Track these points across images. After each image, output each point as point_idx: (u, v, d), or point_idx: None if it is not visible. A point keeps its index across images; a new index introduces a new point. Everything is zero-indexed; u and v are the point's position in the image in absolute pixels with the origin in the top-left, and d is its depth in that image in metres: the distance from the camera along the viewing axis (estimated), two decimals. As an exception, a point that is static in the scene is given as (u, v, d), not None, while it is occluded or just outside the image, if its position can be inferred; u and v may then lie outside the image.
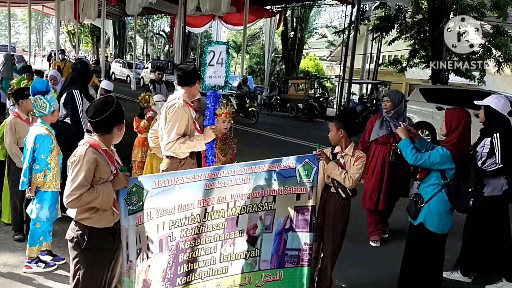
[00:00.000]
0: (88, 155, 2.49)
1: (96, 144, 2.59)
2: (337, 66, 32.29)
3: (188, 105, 3.73)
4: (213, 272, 3.20)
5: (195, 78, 3.79)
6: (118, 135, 2.74)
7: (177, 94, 3.80)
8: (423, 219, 3.76)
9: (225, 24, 24.26)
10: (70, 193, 2.45)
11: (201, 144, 3.65)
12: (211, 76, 3.57)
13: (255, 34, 40.01)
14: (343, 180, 3.62)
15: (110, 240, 2.67)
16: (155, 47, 50.22)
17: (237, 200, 3.22)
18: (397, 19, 18.75)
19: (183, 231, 2.97)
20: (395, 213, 6.67)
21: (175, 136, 3.54)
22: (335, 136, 3.76)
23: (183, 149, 3.61)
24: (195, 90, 3.86)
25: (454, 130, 3.68)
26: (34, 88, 3.92)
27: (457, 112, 3.77)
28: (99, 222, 2.60)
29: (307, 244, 3.57)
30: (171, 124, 3.56)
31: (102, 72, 20.45)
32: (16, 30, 62.84)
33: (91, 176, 2.50)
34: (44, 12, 33.04)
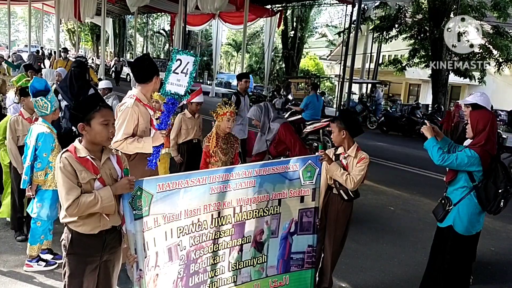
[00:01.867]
0: (63, 161, 2.45)
1: (71, 150, 2.52)
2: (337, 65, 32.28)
3: (142, 104, 3.68)
4: (223, 282, 3.16)
5: (151, 74, 3.74)
6: (88, 135, 2.53)
7: (132, 92, 3.77)
8: (452, 222, 3.68)
9: (225, 23, 24.25)
10: (65, 199, 2.41)
11: (148, 147, 3.60)
12: (173, 83, 3.49)
13: (255, 33, 39.97)
14: (345, 181, 3.57)
15: (95, 247, 2.58)
16: (155, 45, 50.14)
17: (243, 204, 3.18)
18: (397, 18, 18.74)
19: (191, 239, 2.92)
20: (395, 213, 6.70)
21: (123, 136, 3.55)
22: (338, 137, 3.71)
23: (131, 149, 3.59)
24: (153, 86, 3.81)
25: (481, 132, 3.61)
26: (33, 87, 3.92)
27: (483, 114, 3.72)
28: (82, 228, 2.52)
29: (311, 246, 3.55)
30: (119, 124, 3.56)
31: (101, 71, 20.42)
32: (16, 28, 62.72)
33: (74, 179, 2.44)
34: (44, 10, 33.00)
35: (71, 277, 2.58)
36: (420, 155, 4.79)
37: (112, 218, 2.58)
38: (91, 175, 2.50)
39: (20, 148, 4.40)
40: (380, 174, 8.88)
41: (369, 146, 11.57)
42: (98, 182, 2.51)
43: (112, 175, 2.60)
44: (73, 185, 2.44)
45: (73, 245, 2.56)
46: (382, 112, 18.97)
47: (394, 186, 8.16)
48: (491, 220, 6.22)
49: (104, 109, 2.53)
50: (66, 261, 2.59)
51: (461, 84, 23.41)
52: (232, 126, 4.48)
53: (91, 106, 2.52)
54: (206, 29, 31.24)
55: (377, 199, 7.26)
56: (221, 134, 4.47)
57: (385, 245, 5.38)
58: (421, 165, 5.19)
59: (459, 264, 3.83)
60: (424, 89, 29.16)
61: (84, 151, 2.53)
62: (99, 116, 2.50)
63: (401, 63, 20.68)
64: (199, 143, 5.57)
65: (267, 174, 3.28)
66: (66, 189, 2.42)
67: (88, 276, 2.59)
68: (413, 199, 7.36)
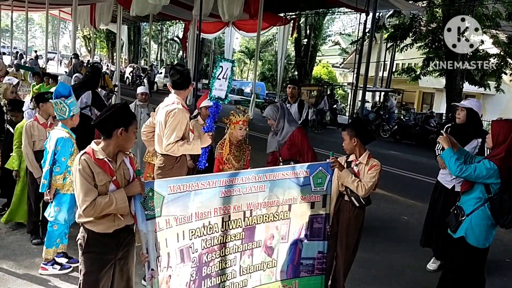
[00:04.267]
0: (82, 163, 2.52)
1: (89, 152, 2.59)
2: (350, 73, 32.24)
3: (185, 109, 3.94)
4: (234, 286, 3.20)
5: (189, 82, 4.04)
6: (120, 140, 2.62)
7: (173, 99, 3.96)
8: (464, 233, 3.64)
9: (239, 30, 24.39)
10: (83, 201, 2.48)
11: (197, 148, 3.87)
12: (217, 88, 3.80)
13: (268, 41, 40.12)
14: (356, 188, 3.57)
15: (110, 246, 2.65)
16: (169, 52, 50.61)
17: (253, 209, 3.21)
18: (411, 27, 18.68)
19: (203, 242, 2.95)
20: (409, 222, 6.64)
21: (175, 139, 3.77)
22: (349, 145, 3.72)
23: (181, 151, 3.86)
24: (187, 93, 4.11)
25: (502, 144, 3.53)
26: (57, 92, 4.01)
27: (505, 125, 3.65)
28: (97, 227, 2.60)
29: (321, 253, 3.56)
30: (172, 128, 3.78)
31: (117, 77, 20.63)
32: (32, 34, 63.78)
33: (91, 181, 2.52)
34: (61, 17, 33.58)
35: (87, 275, 2.64)
36: (434, 164, 4.74)
37: (126, 218, 2.65)
38: (107, 177, 2.57)
39: (36, 153, 4.48)
40: (394, 183, 8.82)
41: (382, 154, 11.50)
42: (113, 185, 2.57)
43: (125, 176, 2.67)
44: (91, 187, 2.50)
45: (88, 244, 2.63)
46: (396, 121, 18.86)
47: (407, 196, 8.09)
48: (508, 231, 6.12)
49: (135, 119, 2.69)
50: (82, 259, 2.66)
51: (476, 93, 23.18)
52: (244, 134, 4.51)
53: (132, 115, 2.67)
54: (219, 37, 31.42)
55: (390, 208, 7.21)
56: (234, 141, 4.50)
57: (398, 255, 5.33)
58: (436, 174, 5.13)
59: (472, 276, 3.77)
60: (438, 98, 28.95)
61: (102, 153, 2.60)
62: (134, 125, 2.66)
63: (415, 71, 20.57)
64: (212, 149, 5.59)
65: (278, 179, 3.30)
66: (84, 190, 2.49)
67: (103, 274, 2.65)
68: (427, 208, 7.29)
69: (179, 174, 3.92)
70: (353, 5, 15.75)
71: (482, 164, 3.52)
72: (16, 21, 45.01)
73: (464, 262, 3.73)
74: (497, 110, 22.72)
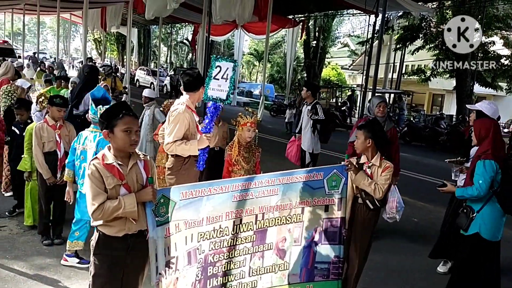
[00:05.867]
0: (91, 168, 2.55)
1: (100, 157, 2.61)
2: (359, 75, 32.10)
3: (190, 110, 3.99)
4: (242, 286, 3.18)
5: (199, 84, 4.07)
6: (112, 142, 2.60)
7: (181, 99, 4.09)
8: (478, 229, 3.69)
9: (248, 33, 24.44)
10: (91, 204, 2.50)
11: (194, 149, 3.88)
12: (214, 88, 3.75)
13: (277, 43, 40.13)
14: (373, 191, 3.52)
15: (119, 249, 2.64)
16: (179, 55, 50.82)
17: (266, 212, 3.19)
18: (421, 28, 18.58)
19: (211, 244, 2.95)
20: (419, 224, 6.59)
21: (173, 139, 3.86)
22: (362, 145, 3.67)
23: (179, 151, 3.90)
24: (199, 95, 4.14)
25: (485, 139, 3.74)
26: (93, 95, 4.09)
27: (484, 122, 3.93)
28: (108, 229, 2.61)
29: (337, 257, 3.50)
30: (171, 127, 3.89)
31: (127, 80, 20.79)
32: (44, 38, 64.50)
33: (101, 185, 2.53)
34: (72, 20, 33.89)
35: (95, 276, 2.66)
36: (444, 166, 4.71)
37: (138, 222, 2.64)
38: (117, 181, 2.57)
39: (45, 155, 4.54)
40: (403, 185, 8.72)
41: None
42: (123, 189, 2.57)
43: (138, 180, 2.66)
44: (99, 191, 2.52)
45: (99, 245, 2.65)
46: (405, 122, 18.76)
47: (417, 197, 8.04)
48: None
49: (127, 117, 2.58)
50: (92, 261, 2.68)
51: (487, 95, 22.98)
52: (253, 135, 4.52)
53: (115, 114, 2.59)
54: (229, 39, 31.50)
55: (399, 210, 7.15)
56: (243, 142, 4.50)
57: (408, 257, 5.30)
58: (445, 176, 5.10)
59: (487, 272, 3.82)
60: (448, 100, 28.75)
61: (112, 157, 2.61)
62: (122, 124, 2.56)
63: (425, 73, 20.46)
64: (222, 151, 5.60)
65: (291, 182, 3.28)
66: (93, 194, 2.51)
67: (111, 277, 2.66)
68: (437, 210, 7.22)
69: (187, 175, 3.94)
70: (362, 7, 15.70)
71: (483, 167, 3.63)
72: (28, 24, 45.47)
73: (479, 258, 3.77)
74: (508, 111, 22.46)
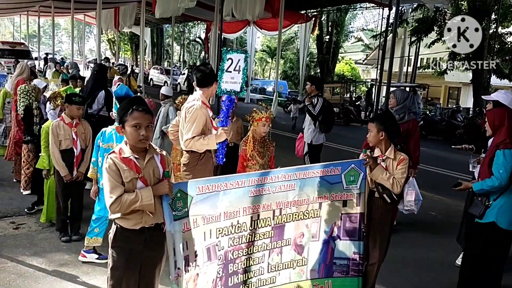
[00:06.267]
0: (108, 162, 2.58)
1: (117, 151, 2.64)
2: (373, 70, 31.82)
3: (205, 106, 3.99)
4: (261, 283, 3.16)
5: (212, 80, 4.07)
6: (129, 134, 2.60)
7: (195, 95, 4.06)
8: (495, 218, 3.63)
9: (260, 29, 24.40)
10: (109, 197, 2.53)
11: (212, 143, 3.89)
12: (227, 81, 3.79)
13: (289, 39, 40.00)
14: (392, 185, 3.45)
15: (136, 242, 2.66)
16: (191, 53, 50.99)
17: (283, 207, 3.16)
18: (436, 21, 18.32)
19: (230, 240, 2.94)
20: (436, 218, 6.51)
21: (192, 135, 3.86)
22: (375, 138, 3.61)
23: (198, 146, 3.89)
24: (212, 91, 4.15)
25: (499, 127, 3.68)
26: (116, 94, 4.13)
27: (498, 111, 3.88)
28: (125, 222, 2.64)
29: (357, 254, 3.45)
30: (189, 124, 3.88)
31: (141, 79, 20.94)
32: (59, 39, 65.24)
33: (118, 178, 2.56)
34: (86, 21, 34.28)
35: (113, 269, 2.69)
36: (461, 159, 4.64)
37: (155, 216, 2.65)
38: (133, 175, 2.59)
39: (62, 152, 4.59)
40: (420, 178, 8.61)
41: (408, 150, 11.29)
42: (140, 182, 2.59)
43: (155, 174, 2.68)
44: (116, 184, 2.54)
45: (116, 238, 2.68)
46: (421, 116, 18.53)
47: (434, 191, 7.94)
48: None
49: (136, 112, 2.59)
50: (110, 253, 2.71)
51: (504, 87, 22.58)
52: (268, 130, 4.51)
53: (126, 109, 2.61)
54: (241, 36, 31.47)
55: (416, 204, 7.08)
56: (258, 137, 4.50)
57: (426, 250, 5.24)
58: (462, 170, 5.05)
59: (501, 262, 3.84)
60: (464, 93, 28.33)
61: (128, 151, 2.63)
62: (131, 119, 2.58)
63: (441, 66, 20.17)
64: (236, 147, 5.60)
65: (308, 177, 3.24)
66: (110, 187, 2.53)
67: (129, 269, 2.67)
68: (454, 204, 7.13)
69: (203, 171, 3.95)
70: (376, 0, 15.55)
71: (503, 157, 3.56)
72: (43, 26, 46.03)
73: (493, 248, 3.74)
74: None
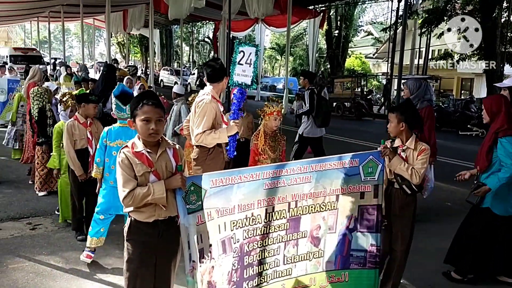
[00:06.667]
0: (121, 156, 2.60)
1: (130, 145, 2.65)
2: (384, 63, 31.61)
3: (215, 100, 4.00)
4: (277, 275, 3.14)
5: (222, 75, 4.11)
6: (139, 128, 2.61)
7: (206, 90, 4.10)
8: (490, 204, 3.77)
9: (268, 26, 24.34)
10: (121, 191, 2.55)
11: (224, 136, 3.91)
12: (239, 74, 3.78)
13: (298, 35, 39.87)
14: (410, 176, 3.38)
15: (150, 234, 2.67)
16: (201, 54, 51.15)
17: (299, 200, 3.13)
18: (446, 11, 18.10)
19: (245, 232, 2.92)
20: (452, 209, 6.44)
21: (203, 129, 3.89)
22: (395, 129, 3.51)
23: (209, 140, 3.93)
24: (222, 85, 4.19)
25: (497, 114, 3.75)
26: (114, 94, 4.20)
27: (494, 98, 4.02)
28: (139, 215, 2.65)
29: (374, 246, 3.40)
30: (200, 119, 3.91)
31: (151, 80, 21.05)
32: (69, 44, 66.08)
33: (130, 172, 2.57)
34: (95, 25, 34.53)
35: (128, 261, 2.70)
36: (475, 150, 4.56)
37: (168, 209, 2.65)
38: (146, 168, 2.59)
39: (77, 152, 4.62)
40: (435, 169, 8.57)
41: (421, 142, 11.18)
42: (152, 176, 2.59)
43: (168, 167, 2.67)
44: (129, 178, 2.55)
45: (130, 231, 2.70)
46: (434, 108, 18.32)
47: (450, 182, 7.79)
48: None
49: (146, 106, 2.58)
50: (125, 246, 2.72)
51: (518, 76, 22.27)
52: (279, 124, 4.49)
53: (137, 104, 2.62)
54: (250, 34, 31.44)
55: (433, 195, 6.92)
56: (269, 132, 4.48)
57: (443, 241, 5.16)
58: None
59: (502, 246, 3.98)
60: (477, 83, 27.97)
61: (141, 145, 2.64)
62: (141, 113, 2.59)
63: (453, 57, 19.91)
64: (247, 142, 5.58)
65: (324, 169, 3.19)
66: (123, 181, 2.55)
67: (143, 262, 2.68)
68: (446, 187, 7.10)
69: (213, 166, 3.94)
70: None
71: (504, 148, 3.65)
72: (53, 32, 46.57)
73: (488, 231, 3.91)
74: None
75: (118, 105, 4.17)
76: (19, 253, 4.43)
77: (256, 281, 3.05)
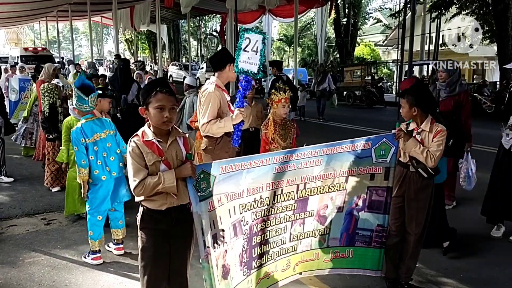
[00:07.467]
0: (132, 145, 2.59)
1: (140, 134, 2.64)
2: (394, 50, 31.22)
3: (220, 89, 3.95)
4: (283, 252, 3.19)
5: (225, 61, 4.00)
6: (153, 116, 2.57)
7: (211, 79, 4.07)
8: None
9: (276, 17, 24.20)
10: (132, 180, 2.55)
11: (229, 125, 3.86)
12: (245, 61, 3.66)
13: (306, 25, 39.57)
14: (425, 158, 3.30)
15: (163, 222, 2.67)
16: (209, 47, 51.12)
17: (308, 182, 3.14)
18: (456, -6, 17.80)
19: (253, 214, 2.94)
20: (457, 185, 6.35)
21: (208, 118, 3.86)
22: (408, 114, 3.42)
23: (215, 130, 3.89)
24: (228, 73, 4.05)
25: None
26: (75, 85, 4.23)
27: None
28: (151, 204, 2.65)
29: (381, 226, 3.41)
30: (204, 108, 3.89)
31: (160, 75, 21.11)
32: (78, 43, 66.43)
33: (141, 161, 2.56)
34: (103, 23, 34.72)
35: (143, 250, 2.71)
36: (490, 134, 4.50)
37: (179, 197, 2.65)
38: (156, 157, 2.59)
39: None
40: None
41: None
42: (163, 165, 2.59)
43: (178, 156, 2.67)
44: (139, 167, 2.54)
45: (143, 220, 2.70)
46: (446, 94, 18.09)
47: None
48: None
49: (160, 94, 2.56)
50: (139, 235, 2.73)
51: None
52: (288, 111, 4.45)
53: (149, 91, 2.59)
54: (257, 26, 31.30)
55: (446, 180, 6.92)
56: (278, 120, 4.44)
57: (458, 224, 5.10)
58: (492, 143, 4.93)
59: None
60: (490, 67, 27.49)
61: (151, 134, 2.63)
62: (154, 101, 2.56)
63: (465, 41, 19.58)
64: (257, 131, 5.55)
65: (335, 153, 3.19)
66: (134, 171, 2.55)
67: (158, 250, 2.68)
68: (485, 177, 6.95)
69: (222, 155, 3.91)
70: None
71: None
72: (62, 32, 46.83)
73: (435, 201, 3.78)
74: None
75: (80, 96, 4.08)
76: (35, 248, 4.49)
77: (264, 259, 3.09)
